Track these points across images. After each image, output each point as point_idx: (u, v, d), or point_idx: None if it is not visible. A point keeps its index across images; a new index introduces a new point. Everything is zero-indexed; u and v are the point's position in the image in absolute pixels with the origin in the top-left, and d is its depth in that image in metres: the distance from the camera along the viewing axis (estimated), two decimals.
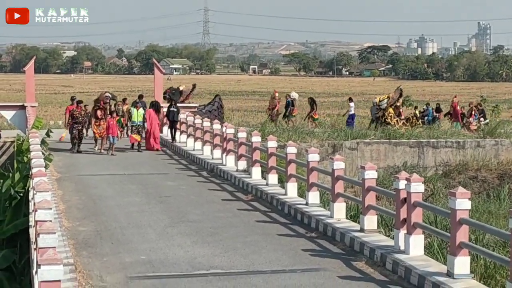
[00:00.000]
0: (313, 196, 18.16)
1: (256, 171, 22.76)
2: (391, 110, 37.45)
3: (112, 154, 29.41)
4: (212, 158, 27.22)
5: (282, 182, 21.14)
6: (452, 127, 39.46)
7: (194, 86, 42.03)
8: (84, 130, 31.45)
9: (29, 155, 21.37)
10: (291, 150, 19.91)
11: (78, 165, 26.88)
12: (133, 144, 31.02)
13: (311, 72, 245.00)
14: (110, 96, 34.08)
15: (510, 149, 33.85)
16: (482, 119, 41.12)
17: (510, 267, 10.62)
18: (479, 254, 13.20)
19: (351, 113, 40.62)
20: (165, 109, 34.35)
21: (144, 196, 20.60)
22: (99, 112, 30.52)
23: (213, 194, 21.21)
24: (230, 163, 25.37)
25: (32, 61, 41.60)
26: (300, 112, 45.16)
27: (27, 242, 19.72)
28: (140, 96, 36.03)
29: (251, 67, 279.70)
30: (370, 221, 15.16)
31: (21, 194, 22.47)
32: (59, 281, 8.10)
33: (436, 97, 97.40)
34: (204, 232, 16.07)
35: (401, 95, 38.41)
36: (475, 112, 41.03)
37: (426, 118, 41.13)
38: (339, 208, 16.63)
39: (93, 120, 30.59)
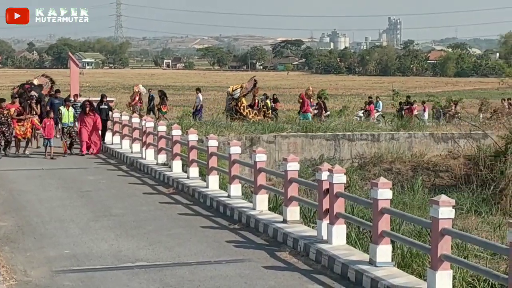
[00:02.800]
0: (235, 189, 18.35)
1: (177, 164, 22.83)
2: (243, 100, 37.05)
3: (52, 158, 26.75)
4: (132, 152, 27.15)
5: (203, 175, 21.25)
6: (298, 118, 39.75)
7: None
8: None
9: None
10: (212, 143, 20.04)
11: None
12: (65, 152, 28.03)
13: (225, 66, 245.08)
14: (36, 95, 31.85)
15: (423, 142, 34.64)
16: (323, 111, 41.93)
17: (431, 254, 10.98)
18: (399, 243, 13.56)
19: (198, 105, 40.68)
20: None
21: (65, 191, 20.45)
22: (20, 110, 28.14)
23: (134, 187, 21.20)
24: (150, 156, 25.37)
25: None
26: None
27: None
28: (57, 91, 34.18)
29: (164, 61, 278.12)
30: (293, 212, 15.42)
31: None
32: None
33: (349, 91, 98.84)
34: (127, 226, 16.08)
35: (254, 85, 37.74)
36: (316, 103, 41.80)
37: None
38: (262, 200, 16.84)
39: (14, 120, 27.65)
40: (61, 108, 28.57)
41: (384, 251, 12.12)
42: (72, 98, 31.99)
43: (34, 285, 11.85)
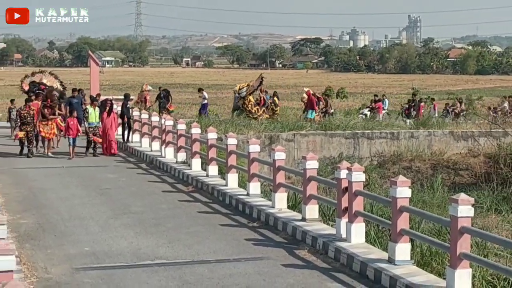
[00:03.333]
0: (254, 187, 18.37)
1: (196, 162, 22.89)
2: (250, 98, 36.79)
3: (73, 157, 26.55)
4: (151, 150, 27.24)
5: (222, 173, 21.30)
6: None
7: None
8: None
9: None
10: (232, 141, 20.07)
11: (14, 159, 26.58)
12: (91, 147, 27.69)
13: (245, 65, 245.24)
14: (58, 94, 31.62)
15: (442, 140, 34.57)
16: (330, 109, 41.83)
17: (450, 252, 10.96)
18: (418, 241, 13.55)
19: (203, 103, 40.63)
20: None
21: (84, 189, 20.55)
22: (46, 111, 27.51)
23: (153, 186, 21.27)
24: (169, 155, 25.44)
25: None
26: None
27: None
28: (74, 90, 33.14)
29: (184, 59, 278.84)
30: (312, 210, 15.43)
31: None
32: (11, 271, 8.13)
33: (368, 89, 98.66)
34: (147, 223, 16.14)
35: (261, 83, 37.49)
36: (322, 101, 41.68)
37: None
38: (281, 198, 16.85)
39: (39, 119, 27.32)
40: (88, 107, 27.83)
41: (403, 250, 12.10)
42: (99, 98, 31.62)
43: (55, 282, 11.93)
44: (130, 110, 30.92)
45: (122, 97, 32.20)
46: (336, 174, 14.08)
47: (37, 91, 32.22)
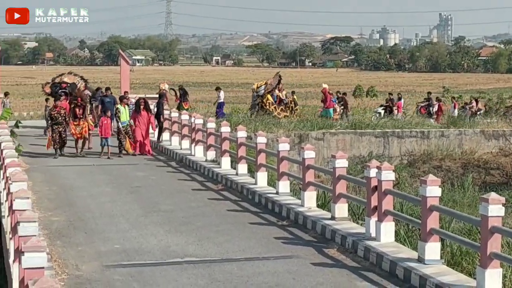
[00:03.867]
0: (284, 185, 18.39)
1: (226, 161, 22.94)
2: (269, 96, 36.43)
3: (108, 158, 26.08)
4: (181, 149, 27.34)
5: (251, 172, 21.33)
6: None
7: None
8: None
9: None
10: (261, 140, 20.10)
11: (45, 157, 26.77)
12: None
13: (274, 63, 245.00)
14: (90, 93, 31.31)
15: (473, 139, 34.37)
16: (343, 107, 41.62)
17: (481, 252, 10.90)
18: (448, 240, 13.50)
19: (219, 101, 40.51)
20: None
21: (115, 187, 20.68)
22: (77, 110, 26.73)
23: (183, 184, 21.35)
24: (198, 153, 25.51)
25: None
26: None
27: None
28: (107, 89, 33.56)
29: (214, 58, 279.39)
30: (341, 209, 15.41)
31: None
32: (42, 268, 8.21)
33: (398, 88, 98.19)
34: (176, 222, 16.22)
35: (279, 81, 37.11)
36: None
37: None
38: (310, 197, 16.85)
39: (70, 120, 26.57)
40: (119, 106, 27.19)
41: (433, 249, 12.06)
42: (128, 96, 31.00)
43: (85, 279, 12.03)
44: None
45: (156, 96, 32.20)
46: (366, 173, 14.06)
47: (59, 91, 32.31)
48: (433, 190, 12.00)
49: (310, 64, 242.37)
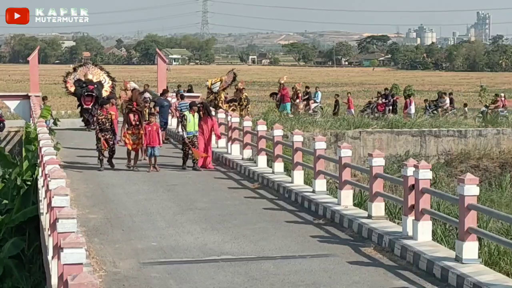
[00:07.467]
0: (320, 184, 18.36)
1: (262, 159, 22.96)
2: (222, 94, 35.50)
3: (156, 170, 22.95)
4: (217, 147, 27.38)
5: (288, 170, 21.33)
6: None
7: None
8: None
9: (37, 144, 21.52)
10: (298, 138, 20.09)
11: (83, 155, 26.97)
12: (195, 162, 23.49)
13: (311, 62, 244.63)
14: (150, 97, 28.55)
15: (511, 138, 34.05)
16: (312, 102, 41.54)
17: None
18: (487, 240, 13.41)
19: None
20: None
21: (151, 185, 20.79)
22: (131, 116, 23.58)
23: (219, 182, 21.41)
24: (235, 151, 25.56)
25: (36, 51, 41.99)
26: None
27: (35, 230, 19.98)
28: (165, 91, 31.67)
29: (250, 57, 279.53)
30: (378, 207, 15.36)
31: (29, 183, 22.64)
32: (81, 264, 8.28)
33: (435, 86, 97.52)
34: (213, 220, 16.27)
35: (234, 78, 35.89)
36: (300, 94, 41.45)
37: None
38: (346, 195, 16.82)
39: (124, 127, 23.68)
40: (186, 113, 23.77)
41: (470, 248, 11.98)
42: (196, 101, 26.87)
43: (123, 276, 12.12)
44: None
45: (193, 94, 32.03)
46: (403, 172, 14.00)
47: (86, 94, 31.79)
48: (471, 189, 11.92)
49: (347, 63, 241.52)
